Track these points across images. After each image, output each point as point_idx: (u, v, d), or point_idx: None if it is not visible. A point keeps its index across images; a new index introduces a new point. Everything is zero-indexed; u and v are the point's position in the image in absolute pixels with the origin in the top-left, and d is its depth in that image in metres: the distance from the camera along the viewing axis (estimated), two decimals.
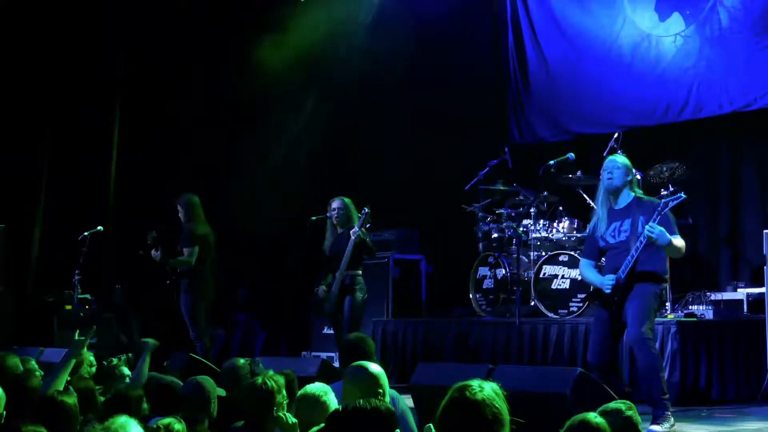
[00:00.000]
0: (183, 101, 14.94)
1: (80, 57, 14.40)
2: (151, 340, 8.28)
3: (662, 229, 7.64)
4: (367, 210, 10.27)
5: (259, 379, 5.65)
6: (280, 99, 15.25)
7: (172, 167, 14.70)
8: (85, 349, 7.99)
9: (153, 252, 11.13)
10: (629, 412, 4.78)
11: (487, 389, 3.98)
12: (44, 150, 14.31)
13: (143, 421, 5.51)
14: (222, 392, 6.58)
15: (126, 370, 8.10)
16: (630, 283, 7.87)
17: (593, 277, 8.23)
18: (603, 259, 8.44)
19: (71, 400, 5.55)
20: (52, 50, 14.25)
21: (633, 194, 8.12)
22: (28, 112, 14.23)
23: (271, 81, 15.08)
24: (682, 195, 7.89)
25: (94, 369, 8.38)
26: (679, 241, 7.84)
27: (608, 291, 7.94)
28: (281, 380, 5.71)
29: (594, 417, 4.30)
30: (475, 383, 4.00)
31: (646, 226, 7.66)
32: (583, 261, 8.51)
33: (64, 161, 14.29)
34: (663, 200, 7.83)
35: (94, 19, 14.43)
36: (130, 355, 9.56)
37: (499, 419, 3.91)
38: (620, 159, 8.26)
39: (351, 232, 10.26)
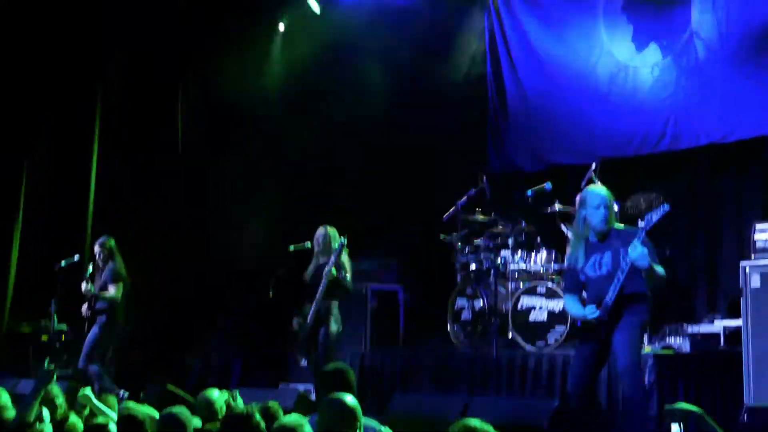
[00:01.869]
0: (161, 133, 14.93)
1: (56, 82, 14.36)
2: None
3: (645, 249, 7.62)
4: (343, 241, 10.26)
5: (243, 411, 5.64)
6: (261, 125, 15.26)
7: (151, 197, 14.67)
8: (55, 383, 7.95)
9: (84, 285, 11.26)
10: None
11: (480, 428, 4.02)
12: (20, 179, 14.24)
13: None
14: (198, 423, 6.54)
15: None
16: (617, 312, 7.82)
17: (576, 310, 8.15)
18: (584, 293, 8.39)
19: None
20: (29, 73, 14.22)
21: (611, 226, 8.10)
22: (2, 142, 14.17)
23: (248, 108, 15.12)
24: (667, 207, 7.82)
25: (61, 401, 8.31)
26: (659, 268, 7.83)
27: (591, 319, 7.85)
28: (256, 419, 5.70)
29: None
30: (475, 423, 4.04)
31: (630, 245, 7.65)
32: (566, 296, 8.45)
33: (41, 190, 14.22)
34: (647, 215, 7.81)
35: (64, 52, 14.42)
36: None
37: None
38: (606, 193, 8.16)
39: (324, 271, 10.27)
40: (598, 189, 8.30)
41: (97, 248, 11.61)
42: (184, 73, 15.31)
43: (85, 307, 11.56)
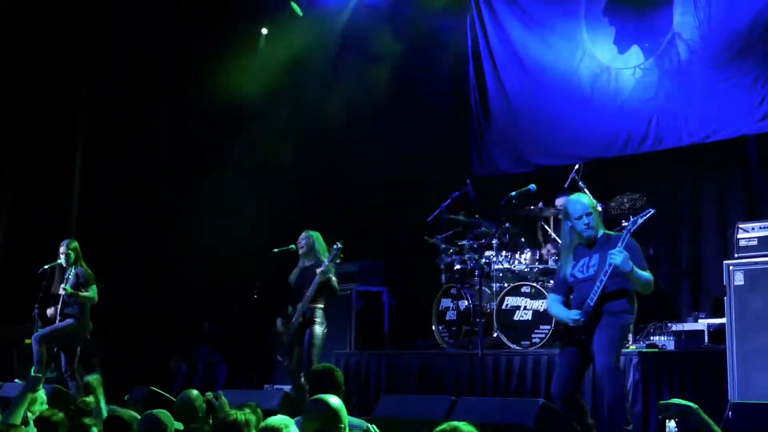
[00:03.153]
0: (147, 139, 14.93)
1: (42, 87, 14.34)
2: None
3: (626, 254, 7.65)
4: (339, 245, 10.28)
5: (231, 415, 5.65)
6: (245, 129, 15.28)
7: (136, 202, 14.66)
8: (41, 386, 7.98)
9: (62, 287, 11.25)
10: None
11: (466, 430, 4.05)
12: (4, 183, 14.21)
13: None
14: (180, 425, 6.53)
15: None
16: (598, 314, 7.85)
17: (560, 312, 8.16)
18: (571, 296, 8.40)
19: None
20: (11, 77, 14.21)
21: (601, 231, 8.12)
22: None
23: (232, 112, 15.14)
24: (651, 210, 7.87)
25: (45, 406, 8.34)
26: (645, 273, 7.84)
27: (573, 324, 7.90)
28: (253, 418, 5.71)
29: None
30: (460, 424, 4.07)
31: (612, 250, 7.67)
32: (550, 296, 8.46)
33: (25, 193, 14.20)
34: (632, 218, 7.84)
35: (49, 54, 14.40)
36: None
37: None
38: (586, 201, 8.16)
39: (318, 270, 10.28)
40: (577, 198, 8.24)
41: (62, 249, 11.54)
42: (166, 75, 15.29)
43: (51, 310, 11.48)
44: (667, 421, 5.89)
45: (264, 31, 15.55)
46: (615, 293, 7.88)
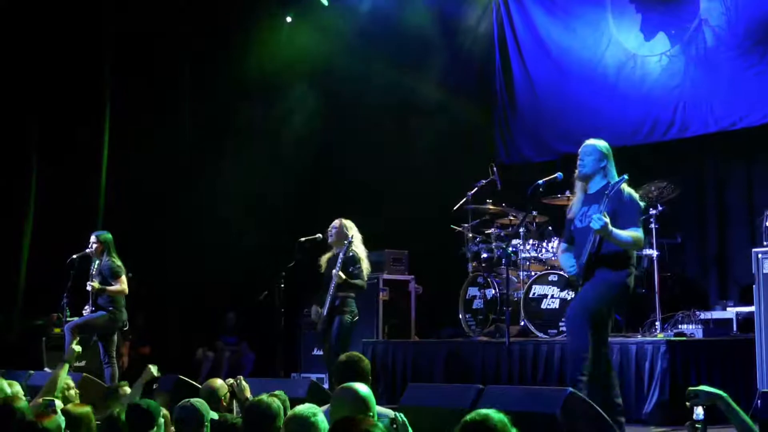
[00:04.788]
0: (172, 128, 14.94)
1: (65, 76, 14.37)
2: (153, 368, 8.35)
3: (605, 220, 7.61)
4: (351, 239, 10.27)
5: (264, 400, 5.66)
6: (270, 117, 15.30)
7: (162, 191, 14.69)
8: (66, 373, 8.04)
9: (88, 283, 11.32)
10: None
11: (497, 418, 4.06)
12: (31, 172, 14.27)
13: None
14: (215, 415, 6.54)
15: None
16: (593, 269, 7.85)
17: (563, 262, 8.29)
18: None
19: (52, 425, 5.50)
20: (34, 66, 14.24)
21: (606, 180, 8.01)
22: (12, 136, 14.19)
23: (256, 99, 15.16)
24: (625, 176, 7.83)
25: (73, 392, 8.43)
26: (632, 234, 7.74)
27: (568, 276, 8.01)
28: (277, 404, 5.72)
29: None
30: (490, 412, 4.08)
31: (594, 216, 7.66)
32: (560, 244, 8.55)
33: (53, 184, 14.25)
34: (610, 185, 7.81)
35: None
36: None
37: None
38: (595, 144, 8.13)
39: (333, 272, 10.25)
40: (591, 141, 8.21)
41: (92, 239, 11.57)
42: (190, 63, 15.31)
43: (87, 308, 11.53)
44: (694, 408, 5.84)
45: (288, 19, 15.54)
46: (608, 250, 7.83)
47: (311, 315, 10.70)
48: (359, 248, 10.50)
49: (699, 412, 5.93)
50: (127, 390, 8.16)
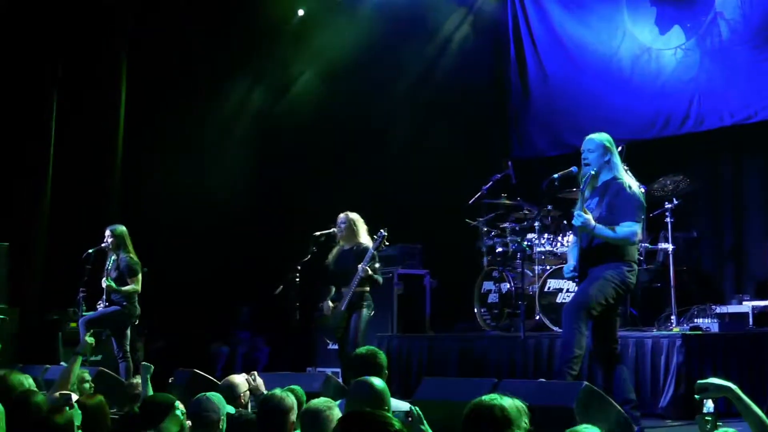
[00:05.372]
0: (186, 119, 14.95)
1: (79, 72, 14.41)
2: (148, 364, 8.37)
3: (586, 218, 7.62)
4: (383, 233, 10.23)
5: (277, 394, 5.67)
6: (284, 110, 15.32)
7: (178, 187, 14.71)
8: (79, 366, 8.07)
9: (103, 280, 11.38)
10: None
11: (508, 403, 4.05)
12: (47, 166, 14.30)
13: None
14: (231, 409, 6.55)
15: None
16: (586, 266, 7.89)
17: (569, 258, 8.34)
18: None
19: (63, 419, 5.51)
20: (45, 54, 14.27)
21: (612, 174, 8.00)
22: (29, 127, 14.23)
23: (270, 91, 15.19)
24: (573, 169, 8.08)
25: (87, 385, 8.47)
26: (622, 229, 7.72)
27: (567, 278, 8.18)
28: (291, 398, 5.72)
29: (585, 428, 4.31)
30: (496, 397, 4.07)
31: (575, 212, 7.68)
32: (573, 238, 8.56)
33: (68, 179, 14.28)
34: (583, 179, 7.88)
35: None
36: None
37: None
38: (597, 138, 8.09)
39: (360, 267, 10.21)
40: (591, 135, 8.19)
41: (107, 233, 11.60)
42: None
43: (101, 304, 11.57)
44: (704, 401, 5.84)
45: (300, 12, 15.52)
46: (601, 246, 7.83)
47: (323, 310, 10.69)
48: (370, 242, 10.50)
49: (709, 405, 5.93)
50: (138, 385, 8.21)
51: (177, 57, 14.76)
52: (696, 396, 4.74)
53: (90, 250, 11.75)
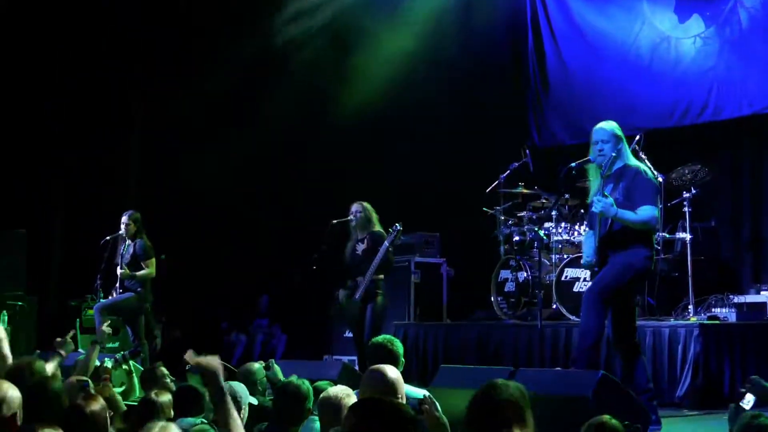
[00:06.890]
0: (198, 101, 14.96)
1: (98, 69, 14.46)
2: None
3: (607, 202, 7.62)
4: (398, 227, 10.24)
5: (293, 382, 5.68)
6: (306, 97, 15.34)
7: (194, 173, 14.74)
8: (97, 355, 8.12)
9: (119, 268, 11.45)
10: None
11: (511, 388, 4.04)
12: (63, 155, 14.36)
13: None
14: (254, 400, 6.55)
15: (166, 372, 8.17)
16: (605, 253, 7.87)
17: (585, 247, 8.31)
18: None
19: (96, 406, 5.52)
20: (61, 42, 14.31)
21: (623, 162, 8.00)
22: (46, 116, 14.28)
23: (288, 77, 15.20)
24: (592, 158, 8.00)
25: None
26: (642, 213, 7.71)
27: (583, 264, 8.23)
28: (307, 385, 5.74)
29: (609, 419, 4.31)
30: (500, 382, 4.06)
31: (594, 198, 7.67)
32: (587, 230, 8.55)
33: (85, 167, 14.33)
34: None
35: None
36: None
37: (523, 418, 3.97)
38: (609, 128, 8.07)
39: (378, 256, 10.23)
40: (601, 125, 8.17)
41: (123, 219, 11.65)
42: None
43: (116, 290, 11.63)
44: (746, 394, 5.83)
45: None
46: (621, 232, 7.81)
47: (339, 299, 10.72)
48: (383, 230, 10.52)
49: (749, 399, 5.91)
50: (164, 370, 8.20)
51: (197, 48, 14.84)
52: (744, 386, 4.72)
53: (108, 237, 11.80)
